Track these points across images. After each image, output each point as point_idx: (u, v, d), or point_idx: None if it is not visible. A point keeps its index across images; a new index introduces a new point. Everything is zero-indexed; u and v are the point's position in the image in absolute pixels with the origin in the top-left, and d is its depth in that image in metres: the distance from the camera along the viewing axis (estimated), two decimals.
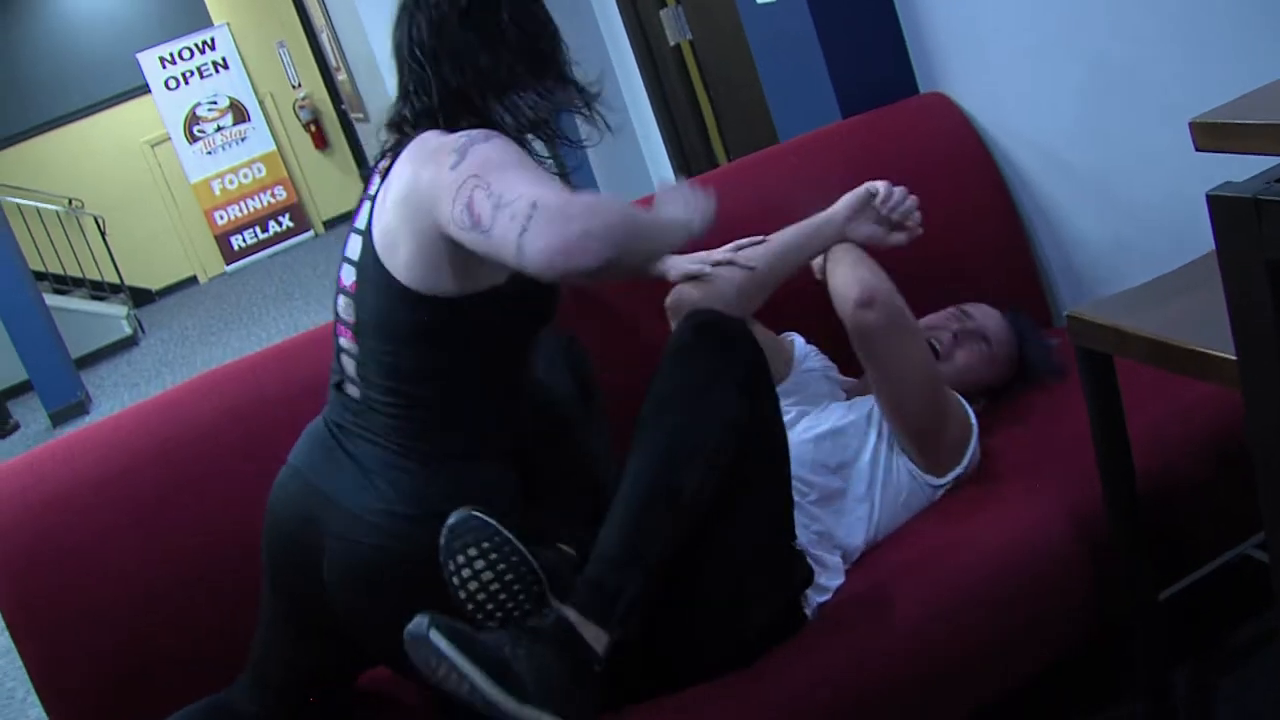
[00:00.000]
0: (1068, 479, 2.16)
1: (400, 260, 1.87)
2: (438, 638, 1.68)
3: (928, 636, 2.01)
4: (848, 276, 2.22)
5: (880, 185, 2.37)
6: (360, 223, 1.99)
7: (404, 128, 1.98)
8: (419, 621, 1.70)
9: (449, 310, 1.88)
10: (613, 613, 1.78)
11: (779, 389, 2.41)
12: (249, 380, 2.43)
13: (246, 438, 2.34)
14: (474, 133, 1.85)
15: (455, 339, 1.91)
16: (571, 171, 2.08)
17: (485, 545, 1.73)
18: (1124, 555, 2.00)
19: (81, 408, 8.80)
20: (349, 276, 1.99)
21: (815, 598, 2.09)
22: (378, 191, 1.95)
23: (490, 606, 1.76)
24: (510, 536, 1.74)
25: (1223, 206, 1.22)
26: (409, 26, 1.98)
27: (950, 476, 2.27)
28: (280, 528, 2.03)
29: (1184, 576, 2.14)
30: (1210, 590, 2.23)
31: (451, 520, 1.75)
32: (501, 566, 1.74)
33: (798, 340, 2.58)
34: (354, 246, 1.99)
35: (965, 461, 2.28)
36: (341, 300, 2.02)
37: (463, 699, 1.71)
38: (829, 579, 2.12)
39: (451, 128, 1.91)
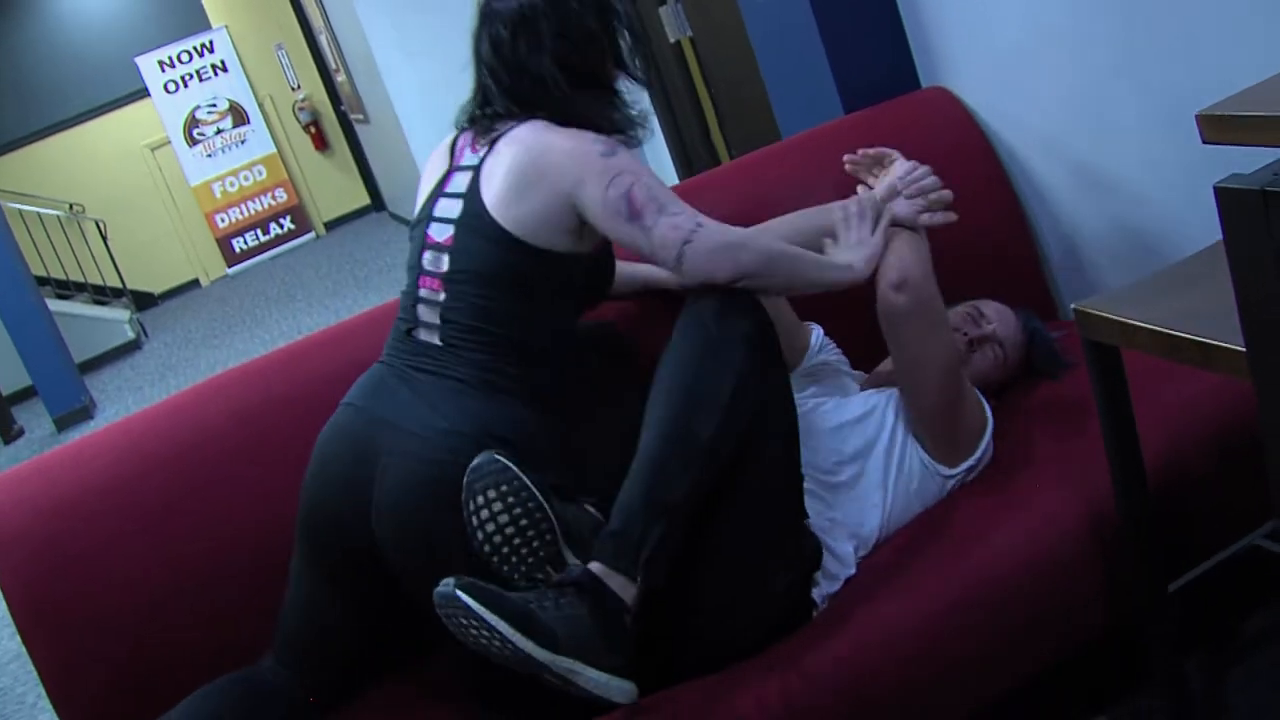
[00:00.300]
0: (1077, 471, 2.17)
1: (518, 215, 2.07)
2: (465, 597, 1.73)
3: (940, 629, 2.01)
4: (890, 258, 2.24)
5: (900, 165, 2.43)
6: (456, 188, 2.18)
7: (490, 119, 2.18)
8: (446, 583, 1.75)
9: (551, 263, 2.09)
10: (637, 559, 1.85)
11: (794, 373, 2.44)
12: (257, 384, 2.43)
13: (255, 442, 2.34)
14: (600, 135, 2.10)
15: (547, 289, 2.11)
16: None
17: (504, 489, 1.82)
18: (1134, 547, 2.00)
19: (86, 413, 8.80)
20: (442, 233, 2.16)
21: (827, 586, 2.10)
22: (481, 163, 2.14)
23: (505, 550, 1.83)
24: (529, 483, 1.83)
25: (1231, 198, 1.22)
26: (482, 36, 2.20)
27: (962, 468, 2.28)
28: (329, 466, 2.12)
29: (1194, 567, 2.14)
30: (1220, 580, 2.23)
31: (476, 460, 1.84)
32: (518, 510, 1.82)
33: (817, 331, 2.61)
34: (448, 208, 2.17)
35: (978, 454, 2.29)
36: (429, 255, 2.17)
37: (496, 656, 1.77)
38: (841, 569, 2.14)
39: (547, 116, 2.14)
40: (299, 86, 13.81)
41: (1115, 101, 2.53)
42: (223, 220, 13.54)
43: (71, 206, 12.65)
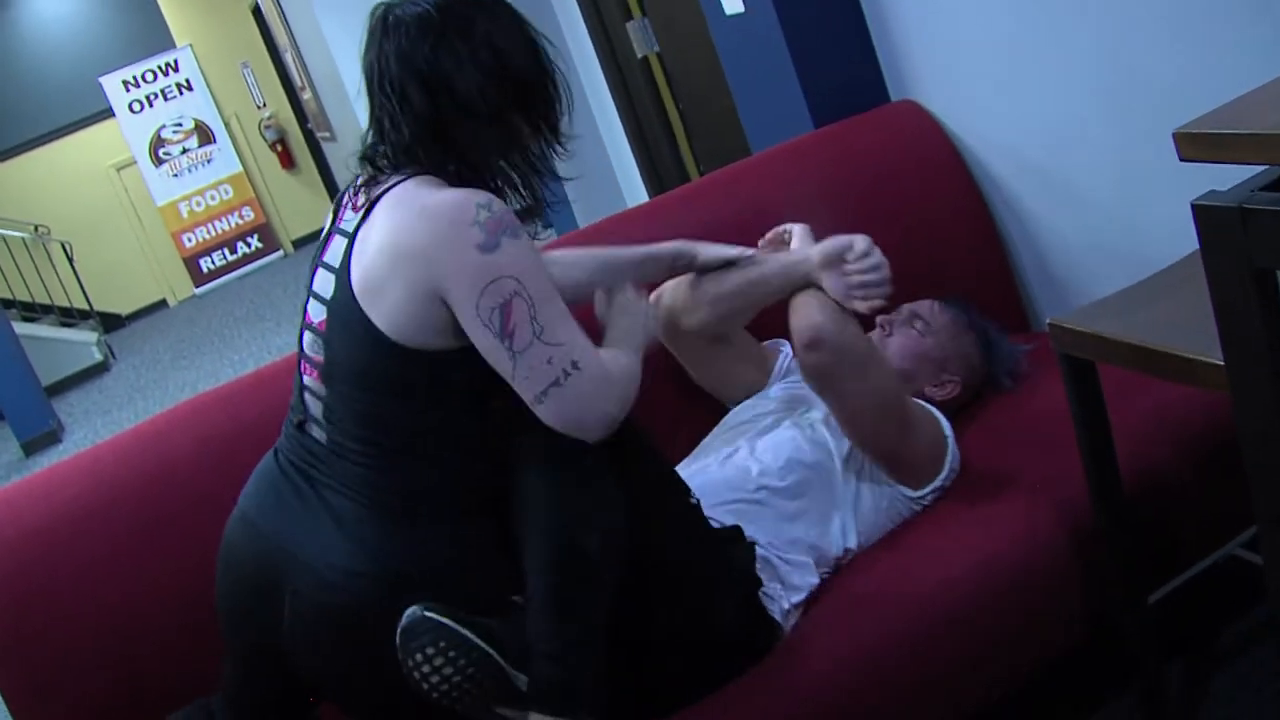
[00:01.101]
0: (1055, 484, 2.16)
1: (385, 309, 1.80)
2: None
3: (919, 644, 2.01)
4: (796, 320, 2.19)
5: (860, 243, 2.24)
6: (332, 258, 1.91)
7: (380, 164, 1.90)
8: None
9: (430, 364, 1.83)
10: (577, 703, 1.76)
11: (757, 396, 2.44)
12: (225, 410, 2.41)
13: (224, 469, 2.30)
14: (494, 206, 1.80)
15: (434, 393, 1.85)
16: (551, 205, 2.09)
17: (442, 644, 1.72)
18: (1113, 560, 2.00)
19: (54, 436, 8.73)
20: (317, 313, 1.91)
21: (788, 597, 2.08)
22: (357, 229, 1.87)
23: (454, 695, 1.74)
24: (469, 635, 1.72)
25: (1208, 215, 1.22)
26: (377, 53, 1.89)
27: (929, 488, 2.27)
28: (235, 584, 1.97)
29: (1173, 577, 2.14)
30: (1199, 590, 2.23)
31: (404, 622, 1.72)
32: (462, 662, 1.72)
33: (785, 350, 2.57)
34: (324, 282, 1.91)
35: (944, 473, 2.28)
36: (308, 337, 1.94)
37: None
38: (800, 577, 2.12)
39: (437, 169, 1.86)
40: (265, 104, 13.78)
41: (1085, 113, 2.54)
42: (190, 240, 13.49)
43: (37, 228, 12.56)
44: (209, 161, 13.53)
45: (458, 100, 1.84)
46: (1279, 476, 1.38)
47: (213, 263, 13.57)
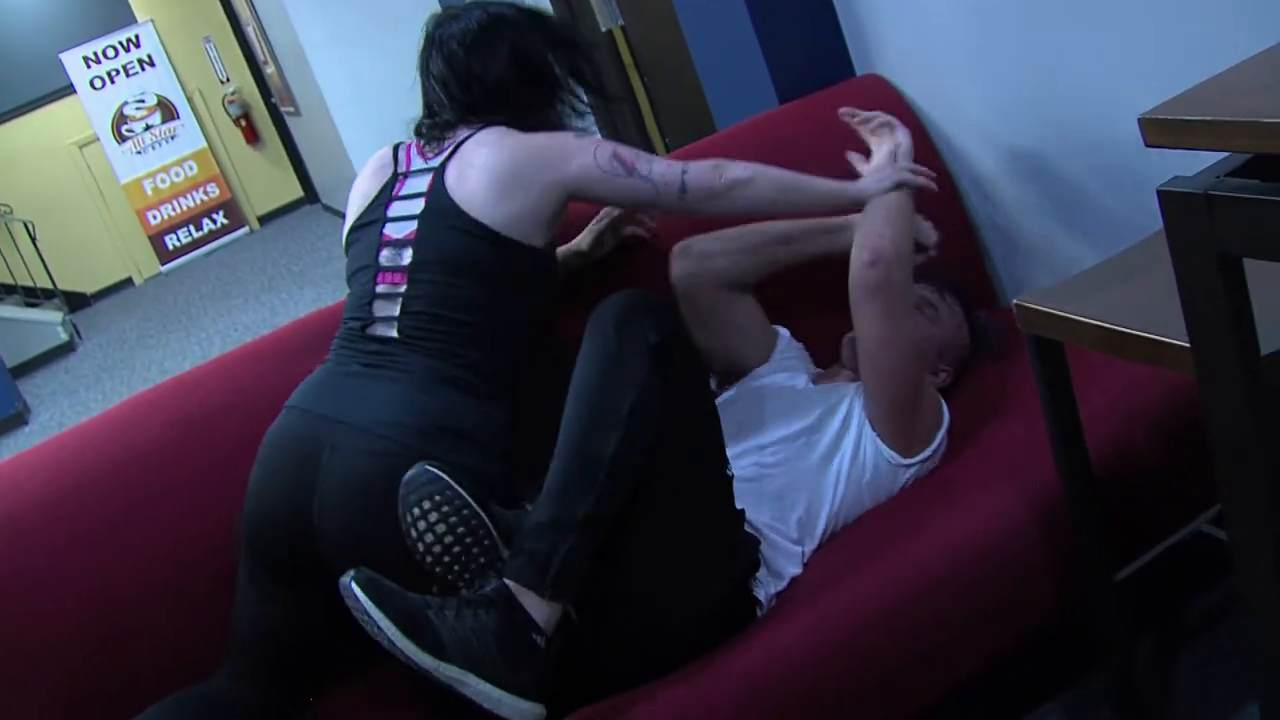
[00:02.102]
0: (1023, 462, 2.17)
1: (489, 210, 2.16)
2: (358, 591, 1.76)
3: (890, 622, 2.01)
4: (867, 231, 2.27)
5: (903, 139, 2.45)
6: (414, 189, 2.25)
7: (446, 125, 2.30)
8: (346, 574, 1.78)
9: (518, 254, 2.18)
10: (545, 576, 1.83)
11: (755, 371, 2.48)
12: (193, 394, 2.41)
13: (194, 454, 2.32)
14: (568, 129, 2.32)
15: (510, 279, 2.18)
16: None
17: (438, 499, 1.82)
18: (1082, 538, 2.00)
19: (20, 418, 8.67)
20: (401, 230, 2.22)
21: (773, 585, 2.09)
22: (443, 165, 2.23)
23: (446, 559, 1.84)
24: (462, 492, 1.83)
25: (1175, 201, 1.21)
26: (432, 55, 2.34)
27: (917, 459, 2.29)
28: (272, 465, 2.12)
29: (1141, 555, 2.15)
30: (1167, 566, 2.24)
31: (409, 474, 1.84)
32: (454, 519, 1.83)
33: (783, 335, 2.62)
34: (407, 207, 2.24)
35: (934, 446, 2.30)
36: (386, 252, 2.22)
37: (388, 651, 1.77)
38: (787, 565, 2.13)
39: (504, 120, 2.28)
40: (228, 79, 13.66)
41: (1052, 90, 2.53)
42: (154, 217, 13.37)
43: None
44: (172, 138, 13.41)
45: (518, 82, 2.31)
46: (1244, 459, 1.39)
47: (178, 240, 13.47)
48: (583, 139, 2.26)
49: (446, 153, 2.26)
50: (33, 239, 12.37)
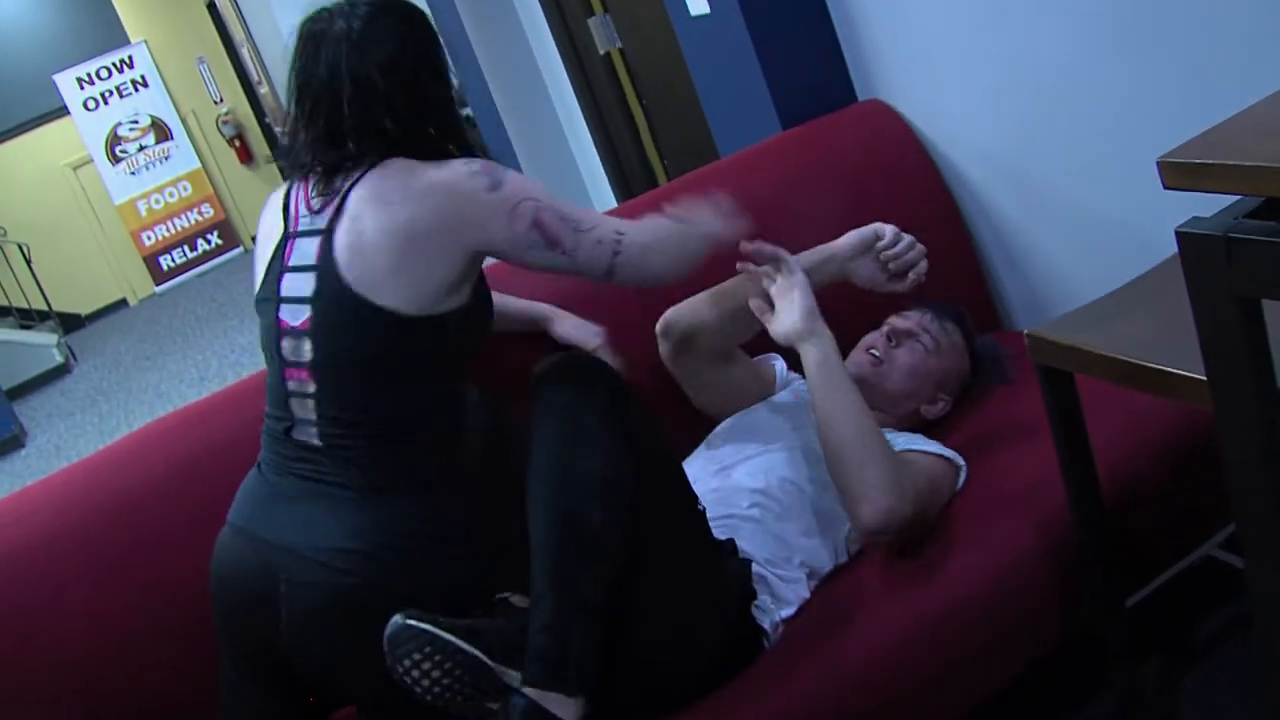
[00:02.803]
0: (1033, 490, 2.17)
1: (391, 290, 1.90)
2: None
3: (901, 651, 2.01)
4: (851, 468, 2.11)
5: (888, 230, 2.33)
6: (302, 259, 1.97)
7: (337, 163, 1.97)
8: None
9: (428, 330, 1.93)
10: (567, 674, 1.78)
11: (754, 407, 2.45)
12: (198, 430, 2.39)
13: (199, 491, 2.29)
14: (472, 161, 1.96)
15: (426, 358, 1.96)
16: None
17: (427, 649, 1.74)
18: (1092, 566, 2.01)
19: (16, 441, 8.66)
20: (296, 316, 1.96)
21: (779, 611, 2.08)
22: (331, 225, 1.94)
23: (448, 696, 1.77)
24: (449, 638, 1.75)
25: (1193, 244, 1.22)
26: (318, 60, 1.98)
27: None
28: (229, 588, 2.00)
29: (1150, 581, 2.15)
30: (1176, 590, 2.24)
31: (388, 631, 1.75)
32: (447, 665, 1.75)
33: (779, 363, 2.58)
34: (297, 284, 1.97)
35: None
36: (287, 343, 1.98)
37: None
38: (792, 591, 2.12)
39: (387, 152, 1.96)
40: (222, 100, 13.69)
41: (1055, 114, 2.54)
42: (149, 238, 13.39)
43: None
44: (166, 158, 13.44)
45: (413, 91, 1.99)
46: (1262, 494, 1.39)
47: (173, 260, 13.48)
48: (500, 193, 1.92)
49: (334, 206, 1.95)
50: (27, 260, 12.36)
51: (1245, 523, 1.44)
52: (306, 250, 1.97)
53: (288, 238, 2.01)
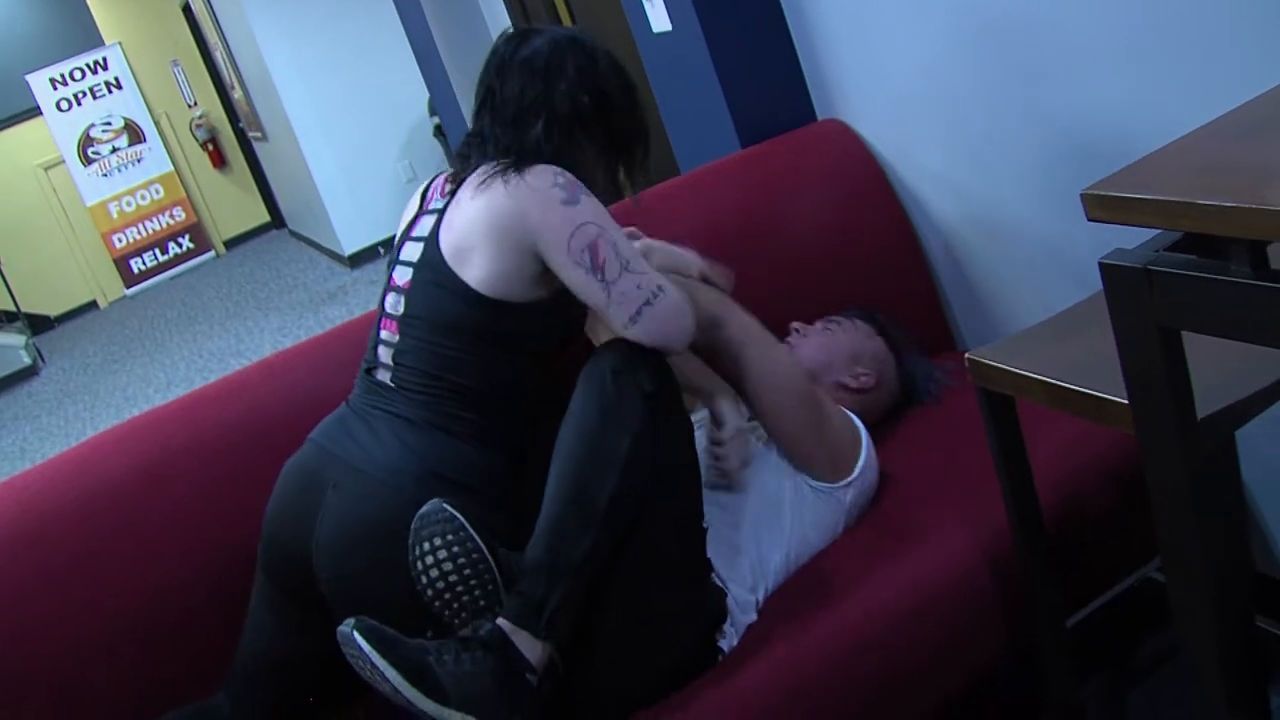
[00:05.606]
0: (974, 508, 2.19)
1: (476, 268, 2.08)
2: (360, 639, 1.78)
3: (842, 667, 2.03)
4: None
5: (729, 427, 2.25)
6: (421, 231, 2.21)
7: (475, 159, 2.18)
8: (346, 623, 1.80)
9: (508, 314, 2.09)
10: (540, 617, 1.86)
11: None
12: (155, 436, 2.38)
13: (158, 495, 2.30)
14: (566, 174, 2.08)
15: (503, 339, 2.12)
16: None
17: (449, 538, 1.84)
18: (1033, 586, 2.03)
19: None
20: (402, 276, 2.20)
21: (733, 637, 2.11)
22: (445, 207, 2.17)
23: (448, 596, 1.86)
24: (473, 533, 1.84)
25: (1115, 274, 1.25)
26: (505, 81, 2.19)
27: (847, 481, 2.29)
28: (283, 492, 2.17)
29: (1090, 601, 2.18)
30: (1116, 609, 2.27)
31: (424, 509, 1.85)
32: (461, 560, 1.84)
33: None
34: (412, 251, 2.20)
35: (861, 463, 2.31)
36: (391, 297, 2.22)
37: (390, 698, 1.80)
38: (744, 617, 2.14)
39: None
40: (195, 104, 13.66)
41: (1009, 138, 2.57)
42: (120, 240, 13.34)
43: None
44: (139, 161, 13.39)
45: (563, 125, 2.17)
46: (1184, 515, 1.42)
47: (144, 263, 13.43)
48: (573, 209, 2.04)
49: (452, 194, 2.20)
50: None
51: (1168, 547, 1.48)
52: (426, 224, 2.21)
53: (420, 213, 2.27)
